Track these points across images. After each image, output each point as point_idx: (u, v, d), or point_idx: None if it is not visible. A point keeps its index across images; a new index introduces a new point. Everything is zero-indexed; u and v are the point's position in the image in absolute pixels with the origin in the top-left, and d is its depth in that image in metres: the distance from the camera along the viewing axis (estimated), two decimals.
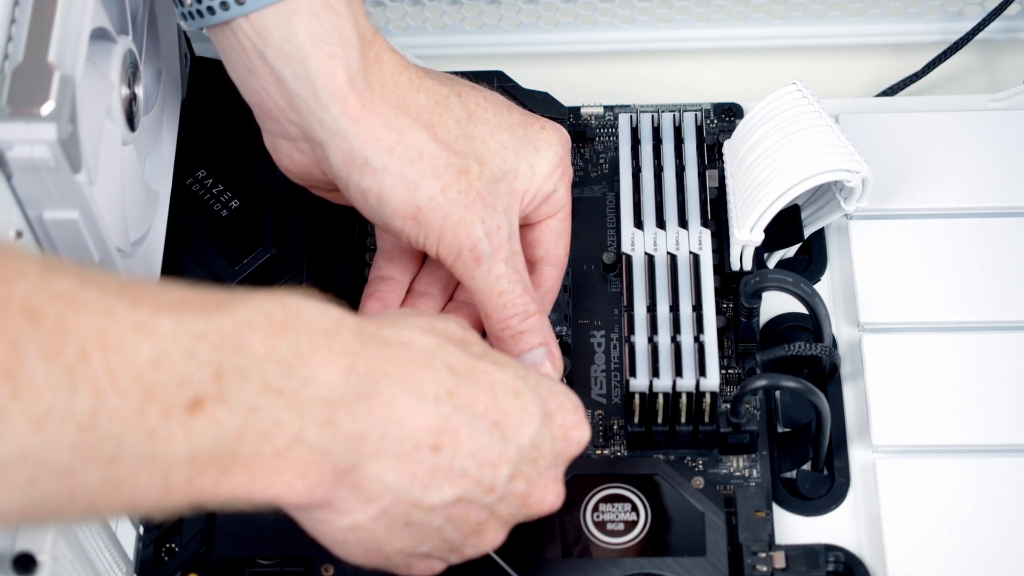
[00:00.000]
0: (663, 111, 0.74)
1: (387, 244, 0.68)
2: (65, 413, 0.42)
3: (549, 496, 0.57)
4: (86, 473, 0.44)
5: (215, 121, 0.73)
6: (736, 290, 0.67)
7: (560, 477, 0.58)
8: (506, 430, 0.54)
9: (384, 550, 0.55)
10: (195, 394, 0.45)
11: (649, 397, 0.65)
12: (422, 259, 0.68)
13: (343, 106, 0.59)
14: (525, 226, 0.67)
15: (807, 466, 0.67)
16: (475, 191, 0.61)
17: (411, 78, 0.61)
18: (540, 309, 0.64)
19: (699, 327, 0.65)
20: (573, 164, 0.74)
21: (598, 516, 0.64)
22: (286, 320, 0.49)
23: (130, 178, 0.63)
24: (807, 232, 0.72)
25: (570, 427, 0.58)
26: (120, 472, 0.44)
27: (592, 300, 0.72)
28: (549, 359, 0.64)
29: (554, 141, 0.65)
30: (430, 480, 0.53)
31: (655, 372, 0.64)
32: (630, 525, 0.64)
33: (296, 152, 0.62)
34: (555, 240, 0.67)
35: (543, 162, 0.64)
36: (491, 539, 0.57)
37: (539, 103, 0.74)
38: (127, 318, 0.44)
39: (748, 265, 0.69)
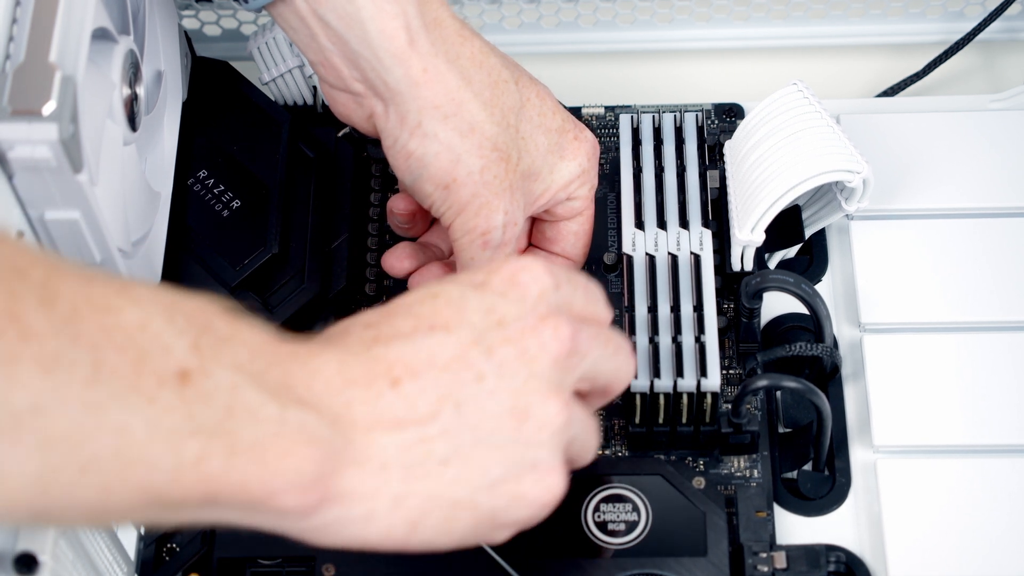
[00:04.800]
0: (664, 111, 0.74)
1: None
2: (70, 362, 0.41)
3: (545, 332, 0.51)
4: (97, 440, 0.42)
5: (216, 121, 0.73)
6: (737, 290, 0.67)
7: (546, 316, 0.52)
8: (445, 326, 0.51)
9: (457, 499, 0.49)
10: (180, 364, 0.44)
11: (650, 397, 0.65)
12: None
13: (405, 68, 0.60)
14: (545, 221, 0.68)
15: (808, 466, 0.67)
16: (508, 181, 0.62)
17: (474, 51, 0.62)
18: None
19: (700, 327, 0.65)
20: None
21: (599, 516, 0.64)
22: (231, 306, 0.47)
23: (131, 178, 0.63)
24: (808, 232, 0.72)
25: (512, 278, 0.52)
26: (130, 443, 0.42)
27: None
28: None
29: (581, 153, 0.66)
30: (419, 398, 0.49)
31: (656, 372, 0.64)
32: (631, 525, 0.64)
33: (353, 104, 0.63)
34: (572, 241, 0.68)
35: (564, 171, 0.65)
36: (551, 414, 0.50)
37: None
38: (106, 283, 0.43)
39: (749, 265, 0.69)
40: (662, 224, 0.69)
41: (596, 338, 0.53)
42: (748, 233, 0.67)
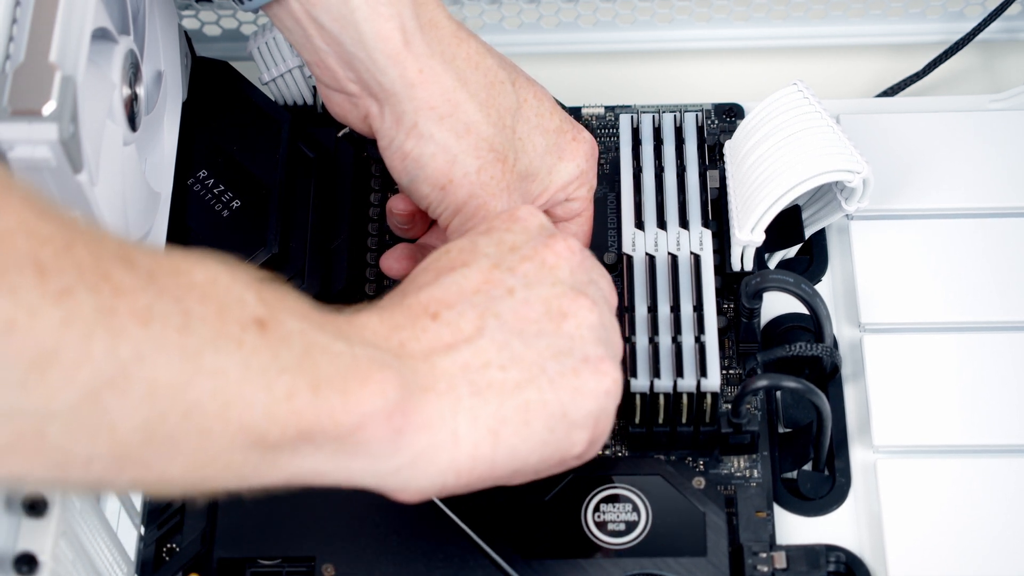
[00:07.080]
0: (664, 111, 0.74)
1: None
2: (162, 313, 0.42)
3: (557, 245, 0.56)
4: (197, 384, 0.43)
5: (216, 121, 0.73)
6: (737, 290, 0.67)
7: (553, 235, 0.57)
8: (464, 263, 0.55)
9: (526, 399, 0.52)
10: (255, 312, 0.46)
11: (650, 398, 0.65)
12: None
13: (401, 69, 0.60)
14: None
15: (808, 466, 0.67)
16: (505, 181, 0.62)
17: (471, 52, 0.62)
18: None
19: (700, 327, 0.65)
20: None
21: (599, 516, 0.64)
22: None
23: (131, 178, 0.63)
24: (808, 232, 0.72)
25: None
26: (226, 384, 0.44)
27: None
28: None
29: (579, 154, 0.66)
30: (461, 320, 0.53)
31: (656, 373, 0.64)
32: (631, 525, 0.64)
33: (348, 104, 0.63)
34: None
35: (562, 172, 0.65)
36: (585, 310, 0.55)
37: None
38: (170, 251, 0.45)
39: (749, 265, 0.69)
40: (662, 224, 0.69)
41: (598, 268, 0.58)
42: (748, 233, 0.67)
